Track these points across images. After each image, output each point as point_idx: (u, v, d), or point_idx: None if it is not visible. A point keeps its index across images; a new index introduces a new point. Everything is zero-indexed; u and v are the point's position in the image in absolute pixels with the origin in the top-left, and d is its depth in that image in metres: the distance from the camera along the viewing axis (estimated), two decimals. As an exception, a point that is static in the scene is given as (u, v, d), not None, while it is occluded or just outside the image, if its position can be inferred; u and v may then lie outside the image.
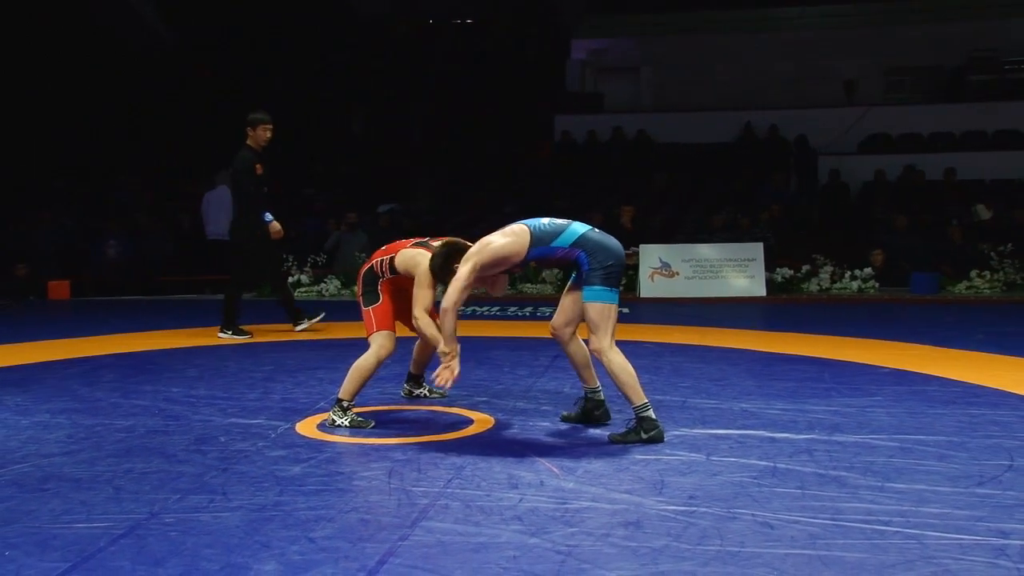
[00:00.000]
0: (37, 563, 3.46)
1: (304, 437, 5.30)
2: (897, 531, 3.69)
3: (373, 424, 5.48)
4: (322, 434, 5.35)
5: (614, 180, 18.14)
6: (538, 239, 5.09)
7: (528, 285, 13.68)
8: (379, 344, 5.59)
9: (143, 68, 19.11)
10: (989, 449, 4.88)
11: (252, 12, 20.07)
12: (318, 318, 9.53)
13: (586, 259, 5.10)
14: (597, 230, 5.22)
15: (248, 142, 9.18)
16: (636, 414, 5.09)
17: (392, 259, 5.65)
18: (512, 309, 11.82)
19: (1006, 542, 3.59)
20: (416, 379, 6.36)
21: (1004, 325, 9.97)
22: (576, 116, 20.28)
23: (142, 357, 8.19)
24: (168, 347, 8.73)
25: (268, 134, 9.19)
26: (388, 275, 5.67)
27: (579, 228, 5.15)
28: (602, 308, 5.12)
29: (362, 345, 5.41)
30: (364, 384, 5.63)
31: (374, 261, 5.75)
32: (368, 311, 5.68)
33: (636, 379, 5.11)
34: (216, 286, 14.28)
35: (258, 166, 9.07)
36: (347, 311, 11.53)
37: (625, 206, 14.79)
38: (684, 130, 19.40)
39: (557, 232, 5.11)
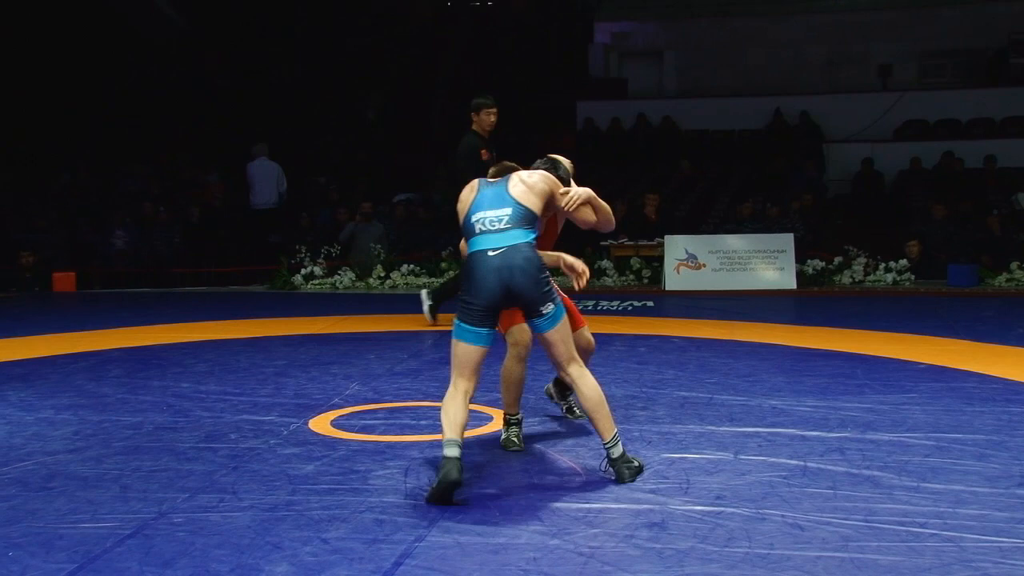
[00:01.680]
0: (42, 564, 3.49)
1: (317, 434, 5.31)
2: (933, 533, 3.67)
3: (519, 447, 4.99)
4: (336, 431, 5.36)
5: (638, 168, 18.10)
6: None
7: (559, 278, 13.66)
8: (513, 341, 5.05)
9: (153, 55, 19.20)
10: (1030, 448, 4.85)
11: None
12: (431, 320, 9.19)
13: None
14: (486, 252, 4.37)
15: (473, 127, 9.07)
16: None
17: None
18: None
19: (1048, 545, 3.57)
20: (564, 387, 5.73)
21: (1046, 319, 9.90)
22: (599, 102, 20.25)
23: (150, 351, 8.22)
24: (177, 341, 8.76)
25: (492, 118, 9.05)
26: None
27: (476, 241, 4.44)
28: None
29: (377, 339, 5.41)
30: (514, 390, 5.09)
31: None
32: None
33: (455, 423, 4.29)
34: (227, 278, 14.36)
35: (483, 151, 8.87)
36: (364, 304, 11.56)
37: (649, 195, 14.74)
38: (711, 116, 19.35)
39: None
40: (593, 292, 12.86)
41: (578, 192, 4.83)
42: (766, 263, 13.15)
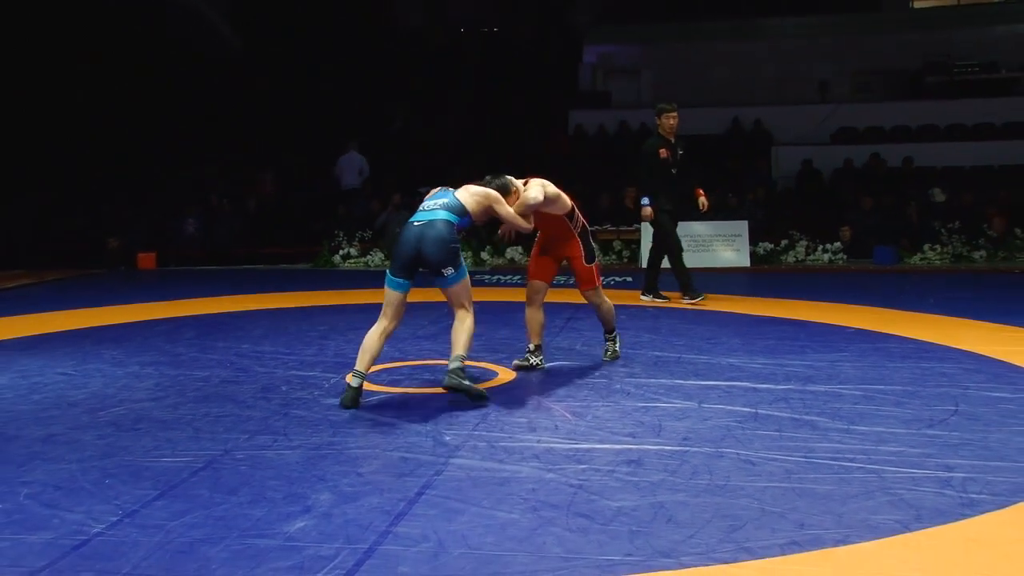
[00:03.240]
0: (132, 491, 3.52)
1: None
2: (860, 467, 3.69)
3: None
4: (369, 384, 5.37)
5: (620, 167, 18.01)
6: None
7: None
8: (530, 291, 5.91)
9: (216, 72, 19.13)
10: (938, 397, 4.86)
11: (306, 23, 20.06)
12: (700, 298, 8.71)
13: None
14: (413, 223, 4.94)
15: (658, 131, 8.89)
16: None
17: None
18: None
19: (951, 475, 3.59)
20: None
21: (952, 291, 9.87)
22: (588, 111, 20.13)
23: (216, 318, 8.23)
24: (238, 310, 8.76)
25: (672, 121, 8.77)
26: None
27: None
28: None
29: (411, 309, 5.39)
30: (532, 326, 5.86)
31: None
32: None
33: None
34: (278, 258, 14.35)
35: (662, 151, 8.69)
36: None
37: (629, 189, 14.69)
38: (681, 123, 19.20)
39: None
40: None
41: (511, 225, 5.36)
42: (725, 245, 13.12)
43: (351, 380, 4.84)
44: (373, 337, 4.89)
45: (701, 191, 8.86)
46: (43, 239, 14.48)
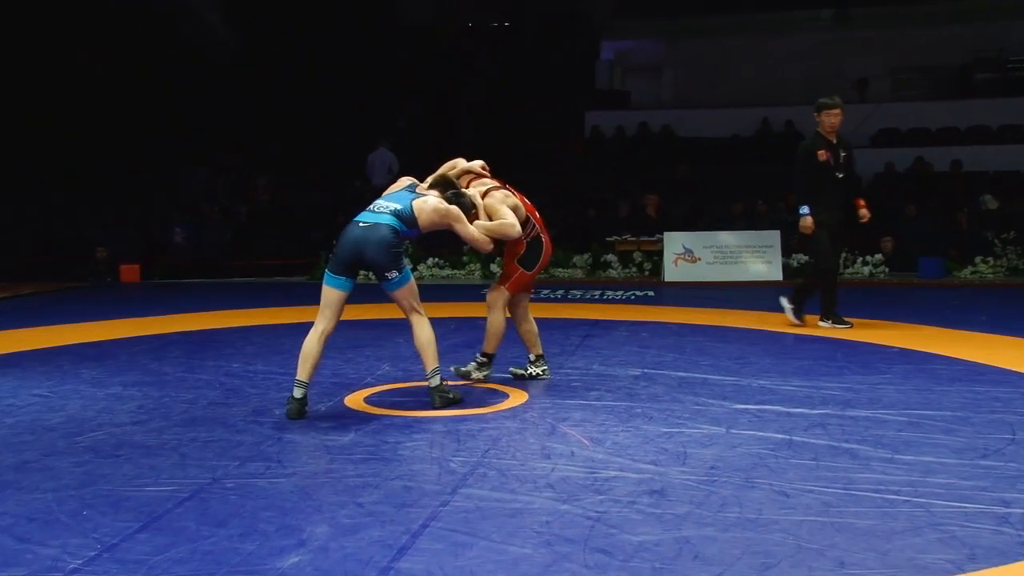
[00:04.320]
0: (112, 522, 3.50)
1: (352, 410, 5.32)
2: (906, 500, 3.65)
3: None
4: (369, 407, 5.36)
5: (640, 172, 18.03)
6: None
7: (560, 270, 13.63)
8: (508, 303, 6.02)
9: (210, 70, 19.24)
10: (992, 423, 4.81)
11: (306, 18, 20.14)
12: (846, 326, 8.15)
13: None
14: (358, 223, 5.16)
15: (818, 128, 8.26)
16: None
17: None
18: (544, 292, 11.79)
19: (1008, 511, 3.53)
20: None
21: (1006, 308, 9.82)
22: (605, 112, 20.19)
23: (205, 335, 8.25)
24: (228, 326, 8.78)
25: (832, 119, 8.09)
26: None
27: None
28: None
29: (406, 325, 5.39)
30: (525, 337, 6.11)
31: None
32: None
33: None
34: (272, 271, 14.38)
35: (821, 152, 8.05)
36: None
37: (650, 196, 14.70)
38: (705, 125, 19.25)
39: None
40: (599, 283, 12.83)
41: (472, 244, 5.56)
42: (755, 257, 13.10)
43: (295, 391, 5.04)
44: (311, 342, 5.08)
45: (862, 201, 8.20)
46: (18, 248, 14.54)
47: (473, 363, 6.05)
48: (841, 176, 8.11)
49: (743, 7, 20.83)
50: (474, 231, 5.44)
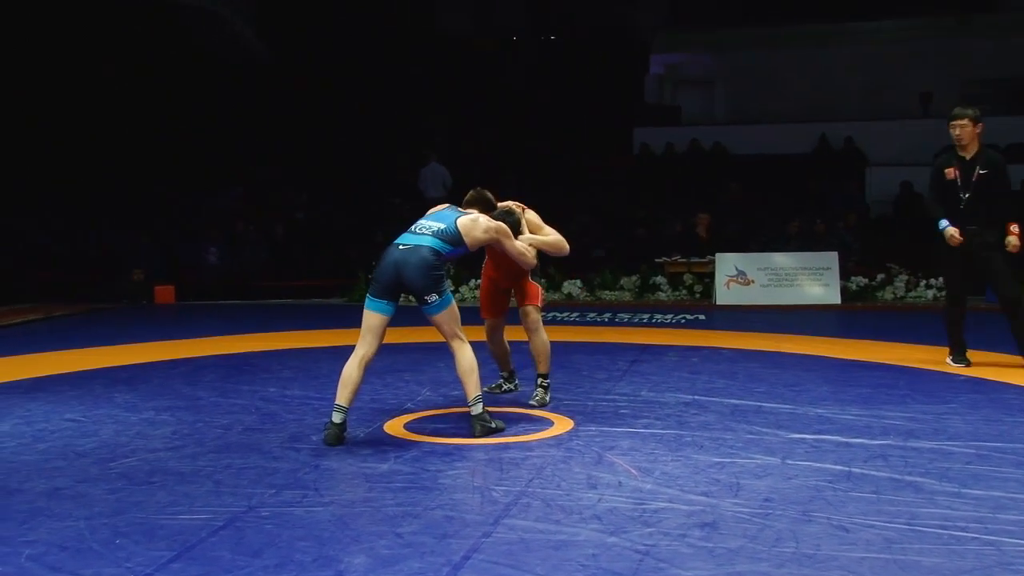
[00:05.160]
0: (145, 551, 3.55)
1: (391, 436, 5.35)
2: (975, 537, 3.60)
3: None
4: (409, 434, 5.40)
5: (691, 190, 17.99)
6: None
7: (607, 292, 13.63)
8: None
9: (245, 85, 19.51)
10: (1067, 457, 4.73)
11: (339, 28, 20.38)
12: (964, 364, 7.55)
13: None
14: (398, 245, 5.24)
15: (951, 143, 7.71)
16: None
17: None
18: (591, 315, 11.79)
19: (1085, 550, 3.47)
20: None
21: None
22: (654, 128, 20.18)
23: (240, 358, 8.34)
24: (264, 349, 8.87)
25: (954, 131, 7.48)
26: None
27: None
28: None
29: (446, 349, 5.43)
30: (498, 358, 6.41)
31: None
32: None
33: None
34: (309, 292, 14.50)
35: (949, 170, 7.46)
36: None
37: (701, 215, 14.65)
38: (759, 142, 19.17)
39: None
40: (648, 306, 12.80)
41: (518, 261, 5.66)
42: (812, 279, 13.00)
43: (333, 416, 5.09)
44: (352, 367, 5.16)
45: (1014, 227, 7.43)
46: (50, 268, 14.81)
47: (540, 388, 6.16)
48: (967, 196, 7.41)
49: (800, 18, 20.76)
50: (522, 247, 5.60)
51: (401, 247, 5.19)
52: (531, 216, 5.95)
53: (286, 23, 20.34)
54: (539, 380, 6.16)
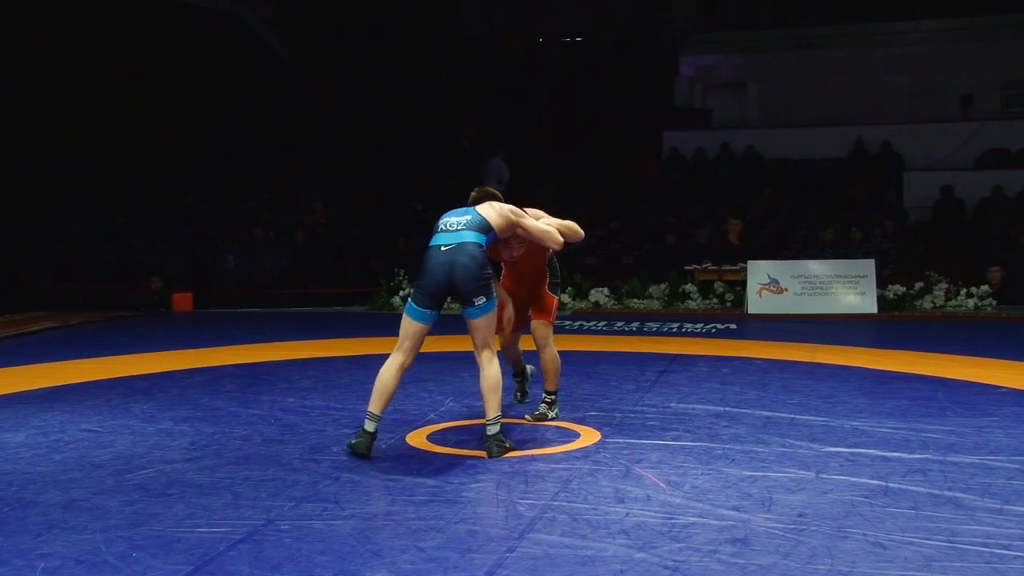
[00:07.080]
0: (162, 565, 3.57)
1: (414, 448, 5.36)
2: (1017, 556, 3.56)
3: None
4: (432, 445, 5.40)
5: (722, 196, 17.96)
6: None
7: (636, 301, 13.60)
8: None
9: (266, 91, 19.66)
10: (1115, 473, 4.67)
11: (365, 31, 20.49)
12: None
13: None
14: (439, 247, 5.15)
15: None
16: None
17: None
18: (619, 324, 11.77)
19: None
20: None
21: None
22: (684, 132, 20.19)
23: (260, 367, 8.38)
24: (284, 358, 8.91)
25: None
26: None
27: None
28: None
29: (470, 358, 5.44)
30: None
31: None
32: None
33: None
34: (330, 299, 14.56)
35: None
36: (458, 324, 11.59)
37: (733, 221, 14.60)
38: (793, 146, 19.13)
39: None
40: (677, 315, 12.77)
41: (543, 239, 5.46)
42: (847, 288, 12.92)
43: (366, 424, 5.07)
44: (388, 374, 5.13)
45: None
46: (68, 276, 14.95)
47: (544, 404, 6.09)
48: None
49: (835, 18, 20.69)
50: (543, 225, 5.48)
51: (444, 247, 5.12)
52: (532, 211, 5.79)
53: (311, 30, 20.50)
54: (544, 396, 6.11)
